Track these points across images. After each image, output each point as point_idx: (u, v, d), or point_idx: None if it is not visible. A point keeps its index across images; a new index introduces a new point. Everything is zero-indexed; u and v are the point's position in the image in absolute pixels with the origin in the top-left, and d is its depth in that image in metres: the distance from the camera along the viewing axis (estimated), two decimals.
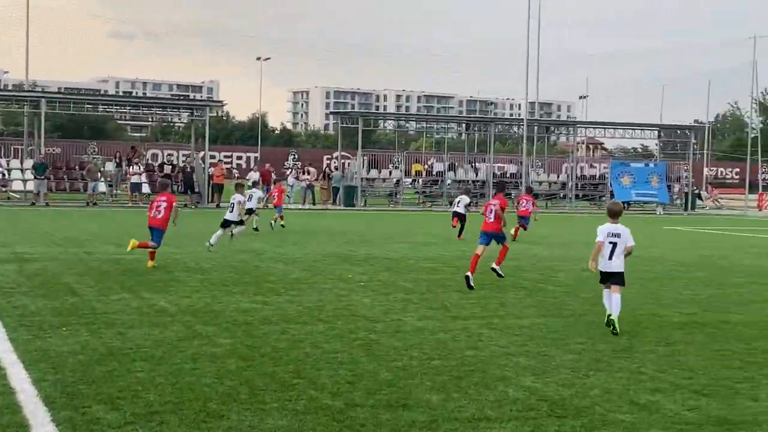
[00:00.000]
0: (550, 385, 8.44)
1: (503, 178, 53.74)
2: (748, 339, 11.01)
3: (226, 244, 20.43)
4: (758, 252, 24.24)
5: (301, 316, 11.78)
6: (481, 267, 15.45)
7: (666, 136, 61.09)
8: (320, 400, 7.71)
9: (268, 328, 10.89)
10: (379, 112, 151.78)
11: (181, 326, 10.85)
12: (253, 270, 16.86)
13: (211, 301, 12.91)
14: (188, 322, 11.12)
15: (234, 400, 7.62)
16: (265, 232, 26.66)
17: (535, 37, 54.72)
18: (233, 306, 12.48)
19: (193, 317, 11.51)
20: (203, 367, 8.76)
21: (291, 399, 7.71)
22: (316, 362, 9.10)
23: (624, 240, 11.59)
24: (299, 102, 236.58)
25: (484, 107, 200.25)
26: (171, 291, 13.79)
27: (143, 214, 18.75)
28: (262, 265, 17.68)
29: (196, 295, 13.45)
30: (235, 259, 18.68)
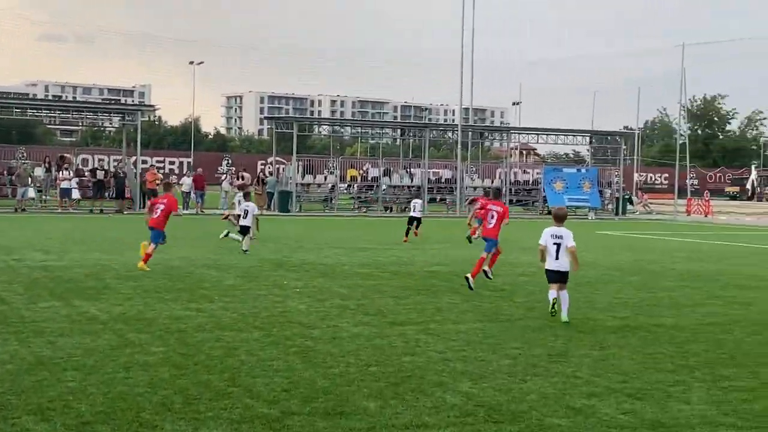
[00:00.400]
0: (487, 390, 8.44)
1: (437, 184, 54.08)
2: (679, 342, 11.16)
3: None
4: (688, 256, 24.67)
5: (236, 324, 11.63)
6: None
7: (597, 142, 61.91)
8: (256, 408, 7.61)
9: (202, 335, 10.73)
10: (313, 117, 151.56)
11: (112, 334, 10.64)
12: (187, 277, 16.63)
13: (143, 308, 12.69)
14: (120, 330, 10.90)
15: (168, 410, 7.48)
16: (195, 238, 26.34)
17: (469, 44, 55.01)
18: (166, 313, 12.28)
19: (125, 325, 11.29)
20: (136, 376, 8.59)
21: (226, 408, 7.59)
22: (252, 370, 8.99)
23: (566, 241, 12.44)
24: (233, 107, 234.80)
25: (418, 113, 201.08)
26: (102, 298, 13.53)
27: (73, 220, 18.36)
28: (195, 272, 17.45)
29: (129, 302, 13.21)
30: (167, 265, 18.41)
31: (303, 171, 51.34)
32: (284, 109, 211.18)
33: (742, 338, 11.57)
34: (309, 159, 56.27)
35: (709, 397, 8.37)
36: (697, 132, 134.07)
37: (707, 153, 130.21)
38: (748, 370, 9.56)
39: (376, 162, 56.06)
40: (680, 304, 14.69)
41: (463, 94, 55.58)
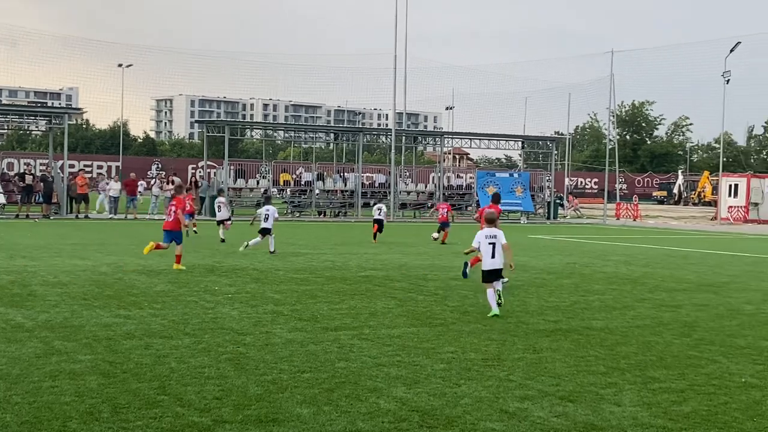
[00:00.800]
0: (421, 395, 8.41)
1: (375, 189, 54.09)
2: (610, 345, 11.28)
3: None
4: (618, 259, 25.02)
5: (166, 330, 11.43)
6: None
7: (529, 147, 62.59)
8: (186, 417, 7.46)
9: (131, 343, 10.52)
10: (246, 121, 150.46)
11: (38, 342, 10.37)
12: (115, 283, 16.33)
13: (70, 315, 12.41)
14: (46, 338, 10.63)
15: (95, 419, 7.30)
16: (125, 243, 25.92)
17: (403, 49, 55.20)
18: (94, 321, 12.02)
19: (52, 333, 11.02)
20: (62, 384, 8.37)
21: (156, 417, 7.43)
22: (182, 378, 8.83)
23: (500, 240, 13.61)
24: (163, 110, 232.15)
25: (352, 117, 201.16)
26: (27, 305, 13.20)
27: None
28: (124, 278, 17.15)
29: (55, 309, 12.91)
30: (95, 271, 18.08)
31: (235, 175, 50.96)
32: (216, 112, 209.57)
33: (671, 340, 11.73)
34: (241, 163, 55.89)
35: (639, 399, 8.45)
36: (626, 137, 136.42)
37: (635, 158, 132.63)
38: (677, 372, 9.69)
39: (310, 166, 55.91)
40: (611, 307, 14.87)
41: (396, 99, 55.78)
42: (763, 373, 9.75)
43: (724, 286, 18.53)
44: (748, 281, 19.70)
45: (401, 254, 24.74)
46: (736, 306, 15.40)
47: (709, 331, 12.58)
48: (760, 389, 8.97)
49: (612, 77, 60.45)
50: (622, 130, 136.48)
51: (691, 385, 9.06)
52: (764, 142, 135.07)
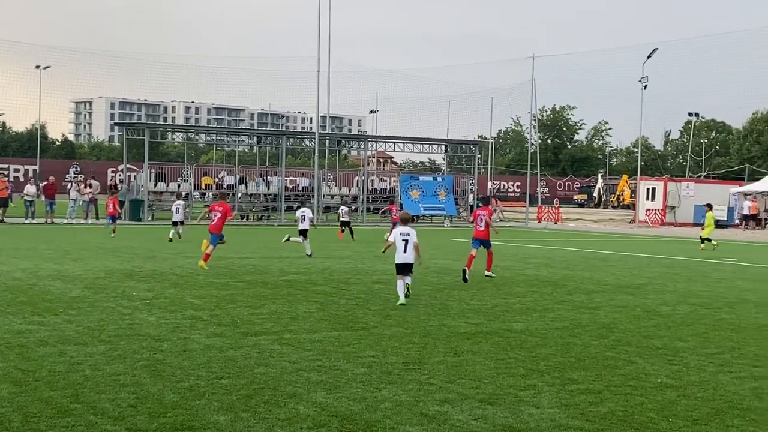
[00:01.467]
0: (341, 400, 8.34)
1: (298, 192, 53.83)
2: (530, 347, 11.36)
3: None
4: (538, 262, 25.30)
5: (81, 337, 11.17)
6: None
7: (452, 151, 63.00)
8: (100, 425, 7.28)
9: (44, 350, 10.24)
10: (167, 124, 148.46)
11: None
12: (29, 289, 15.91)
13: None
14: None
15: (5, 429, 7.09)
16: (41, 248, 25.35)
17: (327, 52, 55.11)
18: (6, 327, 11.69)
19: None
20: None
21: (68, 425, 7.24)
22: (96, 385, 8.62)
23: (412, 238, 15.20)
24: (82, 113, 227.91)
25: (275, 120, 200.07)
26: None
27: None
28: (39, 284, 16.73)
29: None
30: (9, 277, 17.62)
31: (155, 179, 50.23)
32: (136, 115, 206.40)
33: (589, 342, 11.88)
34: (162, 166, 55.09)
35: (558, 401, 8.52)
36: (548, 141, 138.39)
37: (557, 162, 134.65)
38: (594, 373, 9.80)
39: (232, 169, 55.40)
40: (531, 309, 15.00)
41: (320, 102, 55.62)
42: (679, 373, 9.92)
43: (642, 288, 18.87)
44: (664, 283, 20.09)
45: (324, 258, 24.64)
46: (652, 307, 15.68)
47: (626, 332, 12.77)
48: (675, 389, 9.12)
49: (533, 82, 61.26)
50: (544, 134, 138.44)
51: (608, 386, 9.17)
52: (680, 147, 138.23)
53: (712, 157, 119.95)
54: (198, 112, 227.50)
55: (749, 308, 15.89)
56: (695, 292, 18.26)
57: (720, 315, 14.86)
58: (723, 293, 18.29)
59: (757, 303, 16.70)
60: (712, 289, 18.99)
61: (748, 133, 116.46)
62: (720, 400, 8.72)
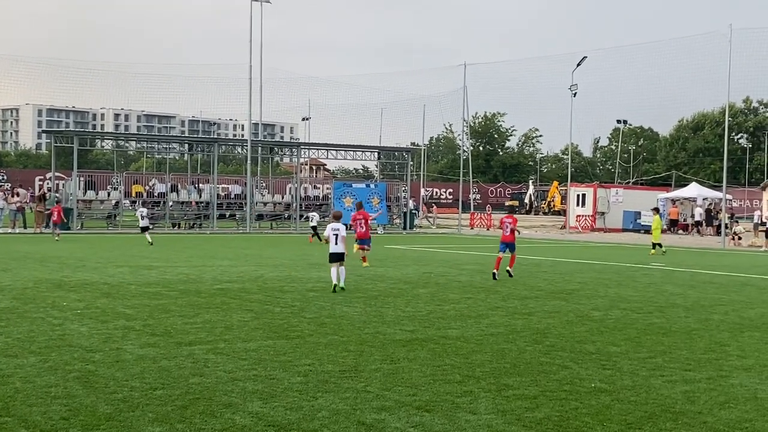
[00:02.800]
0: (277, 409, 8.28)
1: (227, 200, 53.40)
2: (466, 353, 11.41)
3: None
4: (472, 268, 25.48)
5: (10, 349, 10.91)
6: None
7: (385, 158, 63.18)
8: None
9: None
10: (96, 132, 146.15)
11: None
12: None
13: None
14: None
15: None
16: None
17: (258, 60, 54.83)
18: None
19: None
20: None
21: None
22: (27, 398, 8.43)
23: (341, 233, 18.55)
24: (8, 120, 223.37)
25: (207, 127, 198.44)
26: None
27: None
28: None
29: None
30: None
31: (85, 187, 49.43)
32: (64, 122, 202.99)
33: (524, 347, 11.98)
34: (91, 174, 54.27)
35: (494, 407, 8.57)
36: (479, 148, 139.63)
37: (489, 168, 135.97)
38: (530, 378, 9.88)
39: (163, 177, 54.79)
40: (465, 316, 15.08)
41: (252, 109, 55.32)
42: (612, 377, 10.05)
43: (574, 293, 19.11)
44: (596, 288, 20.38)
45: (257, 266, 24.48)
46: (584, 312, 15.88)
47: (560, 337, 12.91)
48: (609, 394, 9.24)
49: (465, 89, 61.72)
50: (476, 141, 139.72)
51: (543, 392, 9.25)
52: (609, 154, 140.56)
53: (640, 163, 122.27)
54: (128, 119, 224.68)
55: (678, 312, 16.19)
56: (626, 297, 18.55)
57: (651, 319, 15.11)
58: (653, 297, 18.61)
59: (686, 307, 17.02)
60: (642, 294, 19.31)
61: (674, 141, 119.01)
62: (653, 403, 8.86)
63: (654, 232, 36.54)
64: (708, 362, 11.17)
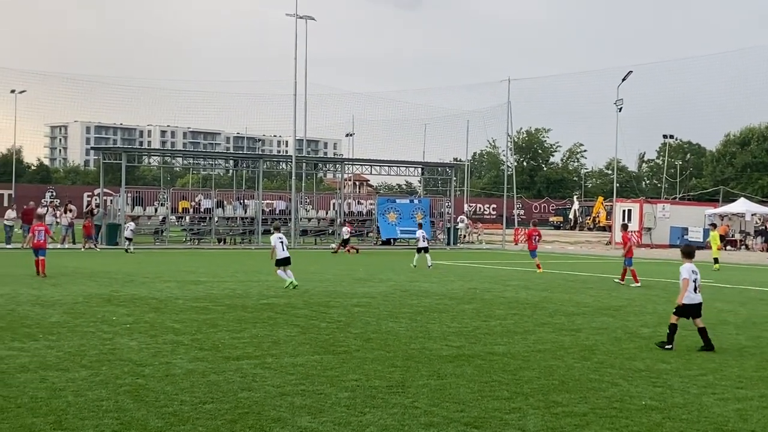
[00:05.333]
0: (326, 424, 8.30)
1: (271, 215, 53.73)
2: (513, 369, 11.36)
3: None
4: (517, 284, 25.35)
5: (62, 363, 11.07)
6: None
7: (428, 174, 63.21)
8: None
9: (25, 376, 10.14)
10: (143, 148, 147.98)
11: None
12: (8, 314, 15.77)
13: None
14: None
15: None
16: (19, 273, 25.15)
17: (303, 76, 55.21)
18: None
19: None
20: None
21: None
22: (80, 411, 8.54)
23: (285, 241, 22.50)
24: (57, 137, 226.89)
25: (251, 144, 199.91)
26: None
27: None
28: (18, 309, 16.58)
29: None
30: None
31: (132, 203, 49.99)
32: (112, 139, 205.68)
33: (572, 364, 11.89)
34: (138, 190, 54.86)
35: (543, 424, 8.52)
36: (523, 164, 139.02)
37: (532, 184, 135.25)
38: (579, 396, 9.81)
39: (209, 193, 55.26)
40: (512, 332, 15.01)
41: (296, 125, 55.65)
42: (663, 395, 9.95)
43: (621, 310, 18.93)
44: (644, 304, 20.17)
45: (303, 281, 24.56)
46: (633, 329, 15.73)
47: (609, 354, 12.80)
48: (660, 411, 9.14)
49: (509, 104, 61.64)
50: (520, 156, 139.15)
51: (593, 409, 9.17)
52: (655, 169, 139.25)
53: (687, 178, 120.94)
54: (174, 135, 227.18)
55: (729, 329, 15.98)
56: None
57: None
58: (703, 315, 18.34)
59: (737, 324, 16.80)
60: None
61: (721, 156, 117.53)
62: (705, 421, 8.75)
63: (713, 248, 36.85)
64: (760, 380, 11.02)
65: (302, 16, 53.95)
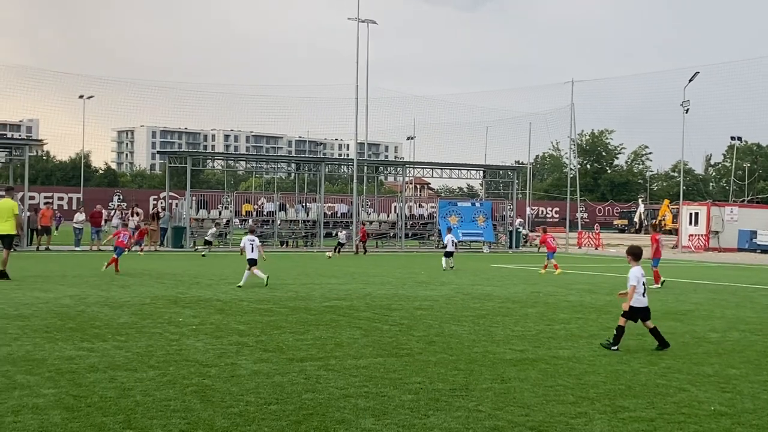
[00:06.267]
0: (390, 426, 8.31)
1: (333, 218, 53.98)
2: (578, 374, 11.25)
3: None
4: (581, 288, 25.11)
5: (130, 363, 11.25)
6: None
7: (490, 176, 62.91)
8: None
9: (94, 376, 10.33)
10: (207, 152, 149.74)
11: (0, 377, 10.15)
12: (78, 315, 16.08)
13: (32, 348, 12.18)
14: (8, 372, 10.41)
15: None
16: (88, 275, 25.62)
17: (364, 79, 55.40)
18: (57, 354, 11.80)
19: (13, 366, 10.79)
20: (25, 420, 8.18)
21: None
22: (147, 411, 8.67)
23: (256, 243, 24.05)
24: (124, 141, 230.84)
25: (313, 147, 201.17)
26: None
27: None
28: (87, 310, 16.90)
29: (16, 342, 12.67)
30: (57, 304, 17.81)
31: (197, 206, 50.64)
32: (177, 143, 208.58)
33: (639, 368, 11.74)
34: (203, 194, 55.55)
35: (610, 429, 8.42)
36: (587, 166, 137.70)
37: (596, 187, 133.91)
38: (646, 401, 9.68)
39: (272, 197, 55.73)
40: (576, 336, 14.87)
41: (358, 129, 55.84)
42: (732, 401, 9.77)
43: (689, 314, 18.64)
44: (711, 309, 19.83)
45: (364, 284, 24.66)
46: (701, 334, 15.48)
47: (676, 359, 12.61)
48: (729, 417, 8.98)
49: (572, 106, 61.08)
50: (583, 159, 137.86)
51: (660, 414, 9.05)
52: (722, 171, 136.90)
53: (756, 181, 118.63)
54: (237, 140, 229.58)
55: None
56: (744, 319, 18.01)
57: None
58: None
59: None
60: (761, 316, 18.72)
61: None
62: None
63: None
64: None
65: (364, 20, 54.19)
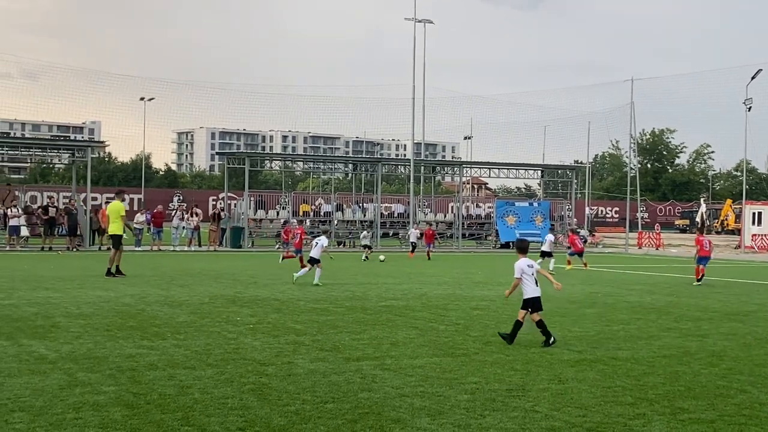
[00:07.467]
0: (446, 426, 8.30)
1: (390, 218, 54.02)
2: (637, 375, 11.12)
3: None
4: (641, 289, 24.81)
5: (189, 361, 11.39)
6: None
7: (548, 176, 62.44)
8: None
9: (154, 374, 10.47)
10: (265, 153, 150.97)
11: (62, 374, 10.34)
12: (138, 314, 16.32)
13: (93, 346, 12.39)
14: (69, 370, 10.61)
15: None
16: (148, 274, 25.98)
17: (421, 79, 55.40)
18: (117, 352, 12.00)
19: (75, 364, 11.00)
20: (86, 416, 8.32)
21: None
22: (206, 408, 8.76)
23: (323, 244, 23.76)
24: (184, 143, 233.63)
25: (370, 148, 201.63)
26: (51, 337, 13.20)
27: (22, 258, 17.96)
28: (147, 309, 17.15)
29: (78, 341, 12.90)
30: (118, 302, 18.10)
31: (255, 206, 51.06)
32: (235, 144, 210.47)
33: (699, 370, 11.57)
34: (261, 194, 55.98)
35: (669, 430, 8.31)
36: (647, 165, 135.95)
37: (657, 186, 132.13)
38: (706, 402, 9.54)
39: (329, 197, 55.97)
40: (636, 337, 14.69)
41: (415, 129, 55.83)
42: None
43: (751, 315, 18.32)
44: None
45: (421, 284, 24.64)
46: (763, 335, 15.20)
47: (737, 360, 12.41)
48: None
49: (632, 105, 60.35)
50: (643, 158, 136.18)
51: (721, 416, 8.91)
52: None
53: None
54: (294, 141, 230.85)
55: None
56: None
57: None
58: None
59: None
60: None
61: None
62: None
63: None
64: None
65: (421, 20, 54.18)
